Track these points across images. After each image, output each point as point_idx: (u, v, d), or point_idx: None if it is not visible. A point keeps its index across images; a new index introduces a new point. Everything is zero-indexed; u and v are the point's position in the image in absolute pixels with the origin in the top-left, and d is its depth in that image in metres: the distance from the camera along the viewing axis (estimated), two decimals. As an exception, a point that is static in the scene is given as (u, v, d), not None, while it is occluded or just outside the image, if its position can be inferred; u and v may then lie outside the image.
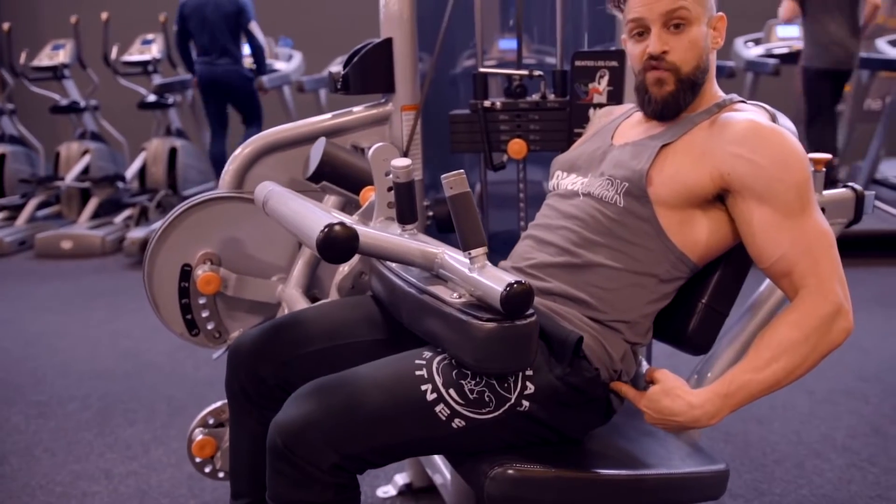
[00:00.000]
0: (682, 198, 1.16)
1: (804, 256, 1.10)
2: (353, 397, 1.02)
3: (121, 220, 5.07)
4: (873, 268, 3.83)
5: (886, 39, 5.03)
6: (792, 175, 1.11)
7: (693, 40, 1.18)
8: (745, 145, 1.13)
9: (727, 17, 1.26)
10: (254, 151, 1.67)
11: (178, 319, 1.61)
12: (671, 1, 1.16)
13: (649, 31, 1.18)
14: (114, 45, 5.38)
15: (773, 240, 1.12)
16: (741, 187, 1.13)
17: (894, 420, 2.27)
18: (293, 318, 1.30)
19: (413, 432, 1.03)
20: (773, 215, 1.11)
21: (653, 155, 1.18)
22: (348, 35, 5.66)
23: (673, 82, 1.19)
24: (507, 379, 1.05)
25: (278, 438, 1.01)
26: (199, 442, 1.62)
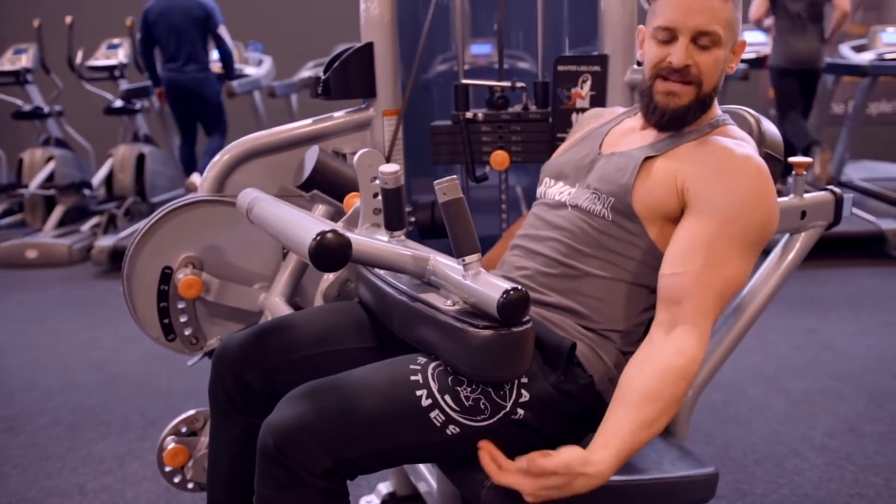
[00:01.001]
0: (660, 213, 1.16)
1: (703, 290, 1.06)
2: (347, 401, 1.00)
3: (88, 228, 4.97)
4: (841, 269, 3.91)
5: (849, 45, 5.15)
6: (745, 213, 1.09)
7: (717, 60, 1.16)
8: (716, 169, 1.12)
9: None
10: (233, 158, 1.64)
11: (155, 323, 1.57)
12: (708, 21, 1.13)
13: (676, 40, 1.15)
14: (79, 50, 5.28)
15: (686, 254, 1.08)
16: (694, 203, 1.12)
17: (869, 419, 2.30)
18: (280, 323, 1.27)
19: (407, 438, 1.01)
20: (705, 236, 1.08)
21: (636, 169, 1.16)
22: (319, 40, 5.67)
23: (689, 98, 1.18)
24: (503, 386, 1.04)
25: (270, 440, 0.98)
26: (172, 450, 1.57)
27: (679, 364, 1.03)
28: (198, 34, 4.65)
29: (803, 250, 1.55)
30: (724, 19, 1.14)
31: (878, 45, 4.98)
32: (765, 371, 2.65)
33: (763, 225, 1.11)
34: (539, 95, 1.73)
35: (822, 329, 3.08)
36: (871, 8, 6.33)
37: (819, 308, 3.31)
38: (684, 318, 1.06)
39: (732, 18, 1.15)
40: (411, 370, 1.03)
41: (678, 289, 1.07)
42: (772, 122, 1.39)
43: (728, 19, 1.15)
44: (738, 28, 1.18)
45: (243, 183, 1.60)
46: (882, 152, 5.70)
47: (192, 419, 1.62)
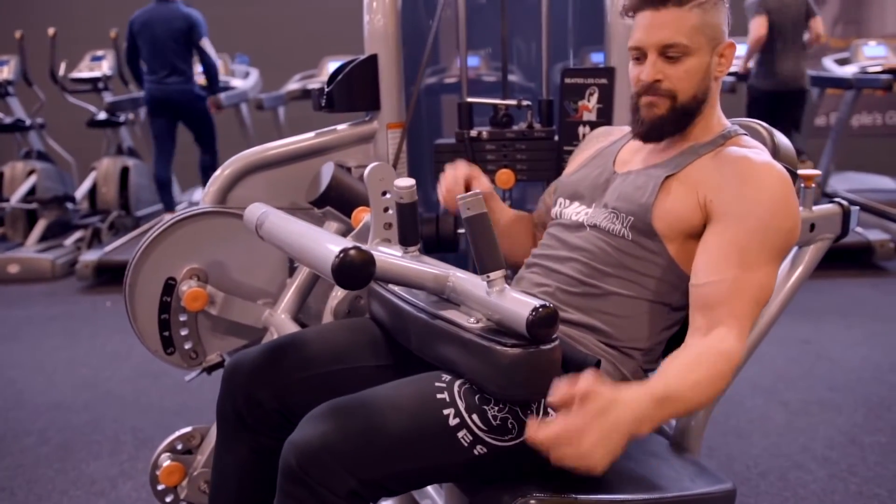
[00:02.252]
0: (681, 230, 1.14)
1: (735, 297, 1.05)
2: (372, 420, 0.97)
3: (71, 242, 4.88)
4: (831, 280, 3.93)
5: (832, 58, 5.22)
6: (772, 220, 1.08)
7: (690, 70, 1.15)
8: (739, 178, 1.11)
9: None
10: (235, 172, 1.62)
11: (155, 335, 1.53)
12: (668, 35, 1.13)
13: (646, 57, 1.16)
14: (61, 62, 5.21)
15: (717, 265, 1.07)
16: (719, 214, 1.10)
17: (867, 429, 2.31)
18: (293, 340, 1.24)
19: (434, 458, 0.99)
20: (732, 245, 1.07)
21: (656, 188, 1.15)
22: (306, 53, 5.64)
23: (665, 108, 1.17)
24: (530, 405, 1.02)
25: (293, 459, 0.95)
26: (168, 468, 1.52)
27: (722, 348, 1.02)
28: (181, 46, 4.58)
29: (812, 263, 1.55)
30: (689, 28, 1.13)
31: (860, 58, 5.05)
32: (762, 383, 2.65)
33: (790, 231, 1.10)
34: (544, 113, 1.72)
35: (815, 340, 3.09)
36: (850, 22, 6.43)
37: (811, 319, 3.32)
38: (722, 321, 1.04)
39: (701, 24, 1.13)
40: (437, 388, 1.01)
41: (714, 296, 1.06)
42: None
43: (694, 26, 1.13)
44: (714, 31, 1.15)
45: (245, 198, 1.57)
46: (863, 164, 5.76)
47: (189, 436, 1.58)
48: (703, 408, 1.02)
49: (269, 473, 1.23)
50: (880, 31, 6.26)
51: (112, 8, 6.05)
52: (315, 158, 1.67)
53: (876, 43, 5.25)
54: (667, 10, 1.13)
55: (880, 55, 5.06)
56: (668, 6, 1.13)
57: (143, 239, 1.51)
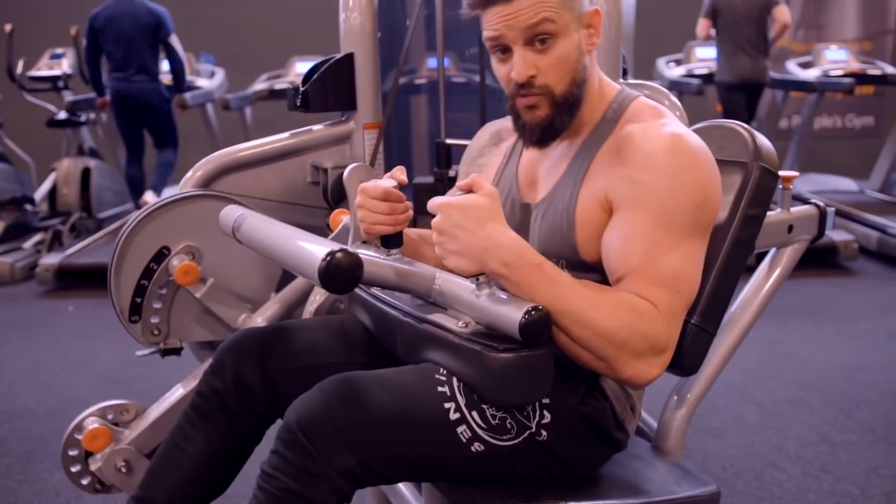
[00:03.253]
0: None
1: (650, 285, 0.97)
2: (379, 401, 0.95)
3: (31, 245, 4.74)
4: (796, 280, 3.97)
5: (795, 62, 5.32)
6: (676, 198, 0.98)
7: (562, 56, 1.03)
8: (635, 164, 1.01)
9: (647, 38, 1.19)
10: (207, 174, 1.57)
11: (128, 297, 1.48)
12: (532, 12, 1.00)
13: (511, 51, 1.04)
14: (19, 59, 5.06)
15: (624, 255, 0.99)
16: (618, 202, 1.02)
17: (838, 428, 2.34)
18: (293, 328, 1.20)
19: (431, 448, 0.97)
20: (636, 229, 0.98)
21: (572, 224, 1.06)
22: (272, 52, 5.57)
23: (546, 106, 1.06)
24: (526, 406, 1.00)
25: (296, 424, 0.92)
26: (94, 431, 1.44)
27: (639, 305, 0.95)
28: (147, 43, 4.46)
29: (790, 264, 1.57)
30: (551, 6, 1.01)
31: (822, 62, 5.15)
32: (734, 383, 2.67)
33: (698, 206, 0.99)
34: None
35: (784, 339, 3.13)
36: (812, 27, 6.56)
37: (779, 318, 3.36)
38: (647, 297, 0.98)
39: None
40: (437, 380, 0.98)
41: (628, 287, 0.99)
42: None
43: (556, 3, 1.01)
44: (576, 2, 1.03)
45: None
46: (824, 165, 5.88)
47: (123, 409, 1.51)
48: (577, 329, 0.93)
49: (233, 462, 1.20)
50: (840, 35, 6.40)
51: (72, 4, 5.89)
52: (290, 159, 1.64)
53: (837, 47, 5.36)
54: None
55: (842, 59, 5.18)
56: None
57: (156, 202, 1.48)
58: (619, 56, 1.63)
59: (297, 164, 1.66)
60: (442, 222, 0.95)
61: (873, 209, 4.73)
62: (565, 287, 0.95)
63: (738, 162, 1.30)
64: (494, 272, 0.94)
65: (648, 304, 0.96)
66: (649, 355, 0.96)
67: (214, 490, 1.21)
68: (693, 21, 4.58)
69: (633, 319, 0.95)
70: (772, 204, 1.54)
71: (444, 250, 0.95)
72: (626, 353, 0.95)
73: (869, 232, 4.43)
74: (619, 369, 0.96)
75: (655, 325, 0.96)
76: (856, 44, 6.18)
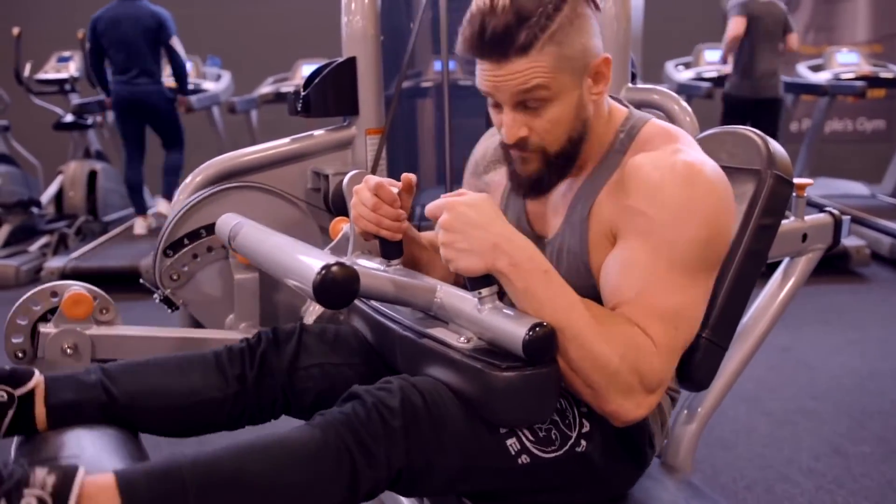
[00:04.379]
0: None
1: (647, 318, 0.92)
2: (446, 409, 0.91)
3: (37, 248, 4.73)
4: (808, 286, 3.92)
5: (806, 65, 5.26)
6: (683, 232, 0.92)
7: (556, 119, 0.97)
8: (642, 195, 0.95)
9: (657, 41, 1.14)
10: (207, 179, 1.55)
11: (158, 257, 1.52)
12: (523, 78, 0.92)
13: (501, 106, 0.98)
14: (27, 63, 5.06)
15: (621, 282, 0.94)
16: (621, 230, 0.98)
17: (852, 439, 2.29)
18: (324, 330, 1.18)
19: (484, 459, 0.93)
20: (637, 258, 0.93)
21: (588, 264, 1.02)
22: (279, 55, 5.55)
23: (538, 163, 1.01)
24: (567, 415, 0.97)
25: (420, 401, 0.89)
26: (78, 296, 1.33)
27: (640, 341, 0.91)
28: (149, 45, 4.44)
29: (804, 274, 1.53)
30: (545, 72, 0.93)
31: (833, 65, 5.09)
32: (744, 392, 2.62)
33: (706, 241, 0.93)
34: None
35: (795, 347, 3.08)
36: (822, 29, 6.50)
37: (790, 326, 3.31)
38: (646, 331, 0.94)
39: (558, 60, 0.93)
40: None
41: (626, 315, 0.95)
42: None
43: (551, 67, 0.93)
44: (579, 59, 0.95)
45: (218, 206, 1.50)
46: (835, 169, 5.82)
47: (108, 304, 1.40)
48: (572, 348, 0.89)
49: (204, 423, 1.11)
50: (851, 38, 6.34)
51: (79, 8, 5.89)
52: (291, 165, 1.61)
53: (848, 50, 5.31)
54: (510, 63, 0.93)
55: (853, 62, 5.12)
56: (511, 58, 0.92)
57: (214, 187, 1.53)
58: (629, 61, 1.59)
59: (299, 170, 1.63)
60: (452, 220, 0.90)
61: (885, 214, 4.66)
62: (569, 301, 0.91)
63: (751, 170, 1.26)
64: (501, 271, 0.90)
65: (647, 338, 0.92)
66: (638, 392, 0.91)
67: (175, 425, 1.11)
68: (703, 22, 4.53)
69: (628, 351, 0.90)
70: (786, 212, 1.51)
71: (453, 249, 0.90)
72: (615, 386, 0.90)
73: (881, 237, 4.36)
74: (604, 400, 0.91)
75: (650, 360, 0.91)
76: (867, 47, 6.12)
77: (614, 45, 1.56)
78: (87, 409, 1.03)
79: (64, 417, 1.01)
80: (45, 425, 1.01)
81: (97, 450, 0.94)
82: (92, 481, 0.78)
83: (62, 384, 1.03)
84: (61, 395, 1.02)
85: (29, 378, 1.01)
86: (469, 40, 0.95)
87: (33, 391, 1.01)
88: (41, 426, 1.01)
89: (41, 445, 0.99)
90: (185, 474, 0.81)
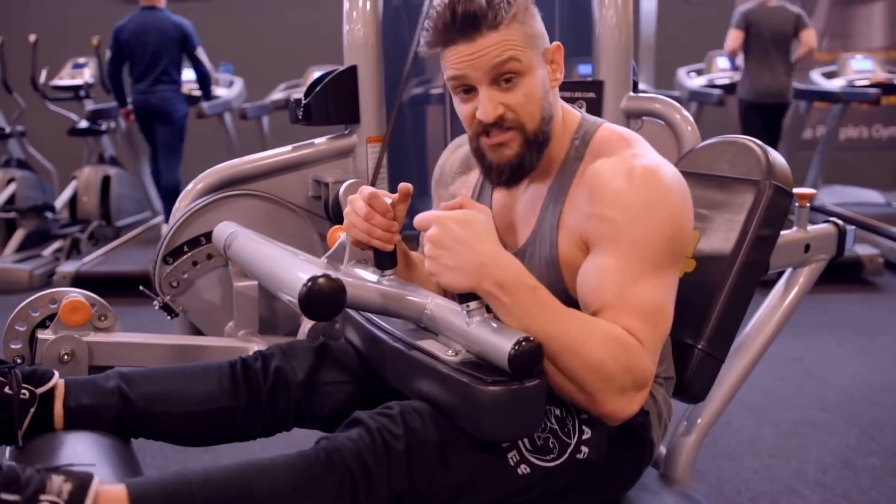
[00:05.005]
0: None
1: (628, 316, 0.94)
2: (447, 428, 0.92)
3: (50, 252, 4.78)
4: (820, 295, 3.87)
5: (820, 71, 5.22)
6: (647, 233, 0.96)
7: (529, 93, 1.01)
8: (602, 202, 0.99)
9: (669, 47, 1.17)
10: (207, 187, 1.55)
11: (158, 262, 1.52)
12: (497, 51, 0.97)
13: (475, 90, 1.01)
14: (43, 69, 5.12)
15: (597, 288, 0.97)
16: (592, 241, 1.01)
17: (861, 452, 2.26)
18: (340, 346, 1.20)
19: (483, 475, 0.93)
20: (609, 264, 0.96)
21: (559, 269, 1.05)
22: (291, 62, 5.57)
23: (518, 144, 1.03)
24: (567, 423, 0.97)
25: (404, 432, 0.90)
26: (76, 303, 1.32)
27: (626, 338, 0.92)
28: (172, 55, 4.50)
29: (807, 285, 1.51)
30: (515, 45, 0.99)
31: (847, 72, 5.04)
32: (752, 402, 2.59)
33: (670, 238, 0.97)
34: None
35: (806, 357, 3.04)
36: (836, 36, 6.44)
37: (801, 336, 3.28)
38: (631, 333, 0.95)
39: (523, 36, 1.00)
40: None
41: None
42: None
43: (519, 41, 0.99)
44: (538, 39, 1.02)
45: (217, 214, 1.50)
46: (849, 177, 5.75)
47: (106, 311, 1.40)
48: (566, 358, 0.90)
49: (209, 434, 1.12)
50: (867, 44, 6.28)
51: (94, 15, 5.97)
52: (292, 173, 1.61)
53: (863, 56, 5.25)
54: (483, 38, 0.98)
55: (867, 69, 5.07)
56: (483, 32, 0.98)
57: (214, 194, 1.54)
58: (630, 70, 1.59)
59: (300, 178, 1.63)
60: (440, 235, 0.91)
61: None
62: (558, 312, 0.92)
63: (750, 180, 1.26)
64: (487, 291, 0.90)
65: (632, 337, 0.93)
66: (631, 390, 0.93)
67: (189, 431, 1.12)
68: (716, 30, 4.51)
69: (619, 352, 0.92)
70: (791, 219, 1.49)
71: (439, 264, 0.91)
72: (610, 388, 0.92)
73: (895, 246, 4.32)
74: (601, 403, 0.93)
75: (640, 359, 0.93)
76: (882, 53, 6.06)
77: (615, 54, 1.55)
78: (104, 413, 1.06)
79: (81, 420, 1.05)
80: (62, 426, 1.04)
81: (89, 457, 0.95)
82: (105, 491, 0.81)
83: (81, 388, 1.07)
84: (80, 399, 1.05)
85: (50, 378, 1.05)
86: (441, 27, 1.00)
87: (53, 390, 1.04)
88: (58, 427, 1.04)
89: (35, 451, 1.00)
90: (194, 489, 0.83)
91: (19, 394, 1.00)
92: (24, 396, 1.01)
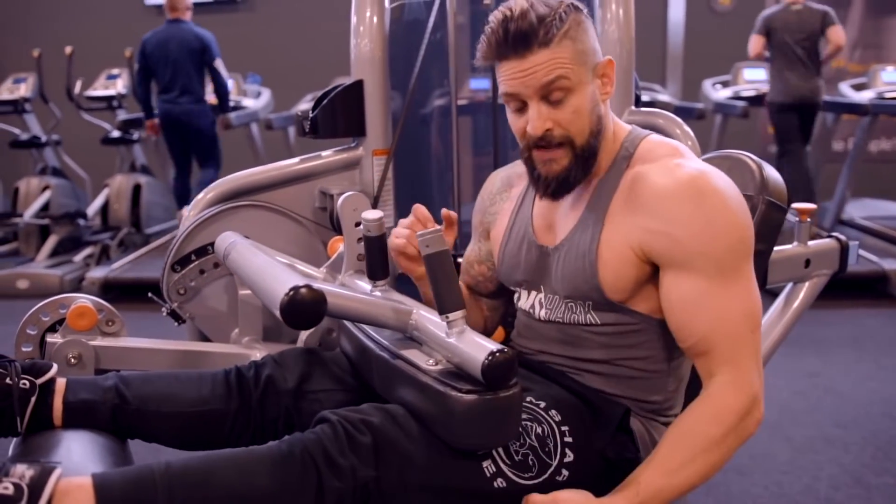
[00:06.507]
0: (636, 286, 1.07)
1: (724, 340, 0.99)
2: (418, 428, 0.96)
3: (81, 258, 4.90)
4: (843, 310, 3.84)
5: (849, 83, 5.15)
6: (716, 243, 0.99)
7: (578, 109, 1.03)
8: (658, 216, 1.01)
9: (695, 59, 1.19)
10: (216, 197, 1.60)
11: (167, 267, 1.56)
12: (546, 70, 1.00)
13: (527, 106, 1.04)
14: (78, 80, 5.27)
15: (692, 319, 1.00)
16: (661, 261, 1.03)
17: (875, 470, 2.22)
18: (334, 356, 1.24)
19: (458, 479, 0.95)
20: (692, 290, 1.00)
21: (594, 264, 1.06)
22: (318, 73, 5.65)
23: (567, 160, 1.06)
24: (548, 443, 0.99)
25: (371, 435, 0.93)
26: (83, 308, 1.35)
27: (716, 409, 0.99)
28: (194, 66, 4.64)
29: (807, 300, 1.51)
30: (565, 63, 1.01)
31: (878, 84, 4.96)
32: (766, 416, 2.55)
33: (741, 240, 1.01)
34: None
35: (824, 372, 3.00)
36: (869, 46, 6.34)
37: (820, 350, 3.23)
38: (714, 371, 1.01)
39: (574, 54, 1.02)
40: None
41: (702, 348, 1.02)
42: (772, 165, 1.33)
43: (569, 59, 1.01)
44: (589, 55, 1.04)
45: (225, 224, 1.55)
46: (882, 190, 5.65)
47: (113, 316, 1.42)
48: (701, 481, 0.97)
49: (199, 438, 1.15)
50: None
51: (128, 27, 6.13)
52: (299, 184, 1.65)
53: (894, 68, 5.17)
54: (534, 55, 1.01)
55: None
56: (534, 49, 1.00)
57: (222, 205, 1.58)
58: (632, 83, 1.60)
59: (307, 189, 1.67)
60: None
61: (930, 237, 4.52)
62: (666, 467, 0.97)
63: (744, 195, 1.26)
64: None
65: (724, 382, 0.99)
66: (754, 412, 1.01)
67: (180, 433, 1.16)
68: (744, 42, 4.49)
69: (727, 417, 0.99)
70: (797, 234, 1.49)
71: None
72: (739, 440, 1.00)
73: (924, 261, 4.23)
74: (748, 434, 1.02)
75: (741, 395, 0.99)
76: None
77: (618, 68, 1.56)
78: (101, 410, 1.10)
79: (79, 416, 1.09)
80: (60, 421, 1.08)
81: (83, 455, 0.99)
82: (69, 479, 0.85)
83: (81, 385, 1.11)
84: (79, 395, 1.09)
85: (48, 369, 1.10)
86: (493, 44, 1.03)
87: (53, 383, 1.08)
88: (57, 422, 1.08)
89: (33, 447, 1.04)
90: (156, 477, 0.87)
91: (19, 384, 1.05)
92: (24, 386, 1.05)
